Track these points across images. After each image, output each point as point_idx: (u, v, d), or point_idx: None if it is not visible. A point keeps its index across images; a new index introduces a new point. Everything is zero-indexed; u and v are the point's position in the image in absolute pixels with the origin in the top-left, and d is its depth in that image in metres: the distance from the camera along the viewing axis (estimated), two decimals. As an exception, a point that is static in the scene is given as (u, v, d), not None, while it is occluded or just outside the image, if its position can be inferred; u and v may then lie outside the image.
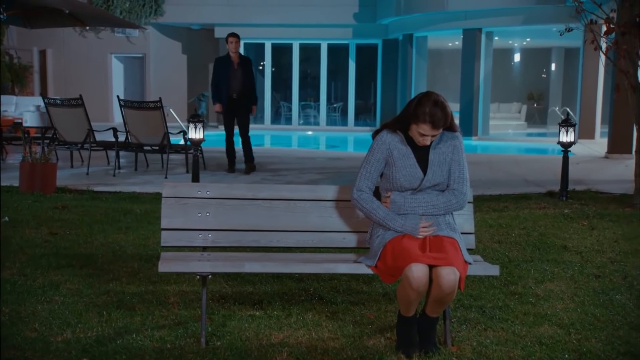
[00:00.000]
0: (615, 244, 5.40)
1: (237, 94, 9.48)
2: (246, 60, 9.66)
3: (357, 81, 21.76)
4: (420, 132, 3.21)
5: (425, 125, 3.19)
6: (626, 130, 11.92)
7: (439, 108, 3.18)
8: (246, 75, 9.52)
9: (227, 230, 3.53)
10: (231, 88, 9.47)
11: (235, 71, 9.48)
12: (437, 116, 3.17)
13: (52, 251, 4.89)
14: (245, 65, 9.56)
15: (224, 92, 9.45)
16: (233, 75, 9.46)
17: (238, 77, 9.47)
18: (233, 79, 9.46)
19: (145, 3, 20.73)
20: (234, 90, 9.48)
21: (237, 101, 9.51)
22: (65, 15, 9.46)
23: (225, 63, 9.50)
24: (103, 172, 9.63)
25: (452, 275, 3.01)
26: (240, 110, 9.58)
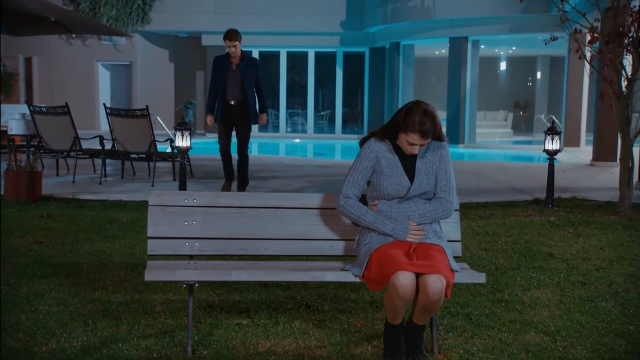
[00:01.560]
0: (601, 252, 5.44)
1: (237, 101, 8.06)
2: (250, 62, 8.15)
3: (344, 89, 21.81)
4: (410, 141, 3.23)
5: (414, 135, 3.20)
6: (611, 138, 12.02)
7: (429, 118, 3.20)
8: (248, 79, 8.04)
9: (213, 238, 3.52)
10: (229, 93, 8.06)
11: (234, 74, 8.04)
12: (427, 126, 3.18)
13: (37, 260, 4.86)
14: (247, 68, 8.07)
15: (220, 98, 8.09)
16: (231, 78, 8.05)
17: (237, 81, 8.04)
18: (231, 83, 8.05)
19: (132, 11, 20.67)
20: (233, 97, 8.07)
21: (236, 109, 8.08)
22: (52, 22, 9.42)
23: (222, 63, 8.09)
24: (89, 180, 9.57)
25: (438, 283, 3.02)
26: (239, 121, 8.13)
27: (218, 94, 8.11)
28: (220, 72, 8.08)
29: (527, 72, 25.24)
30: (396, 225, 3.24)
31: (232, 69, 8.06)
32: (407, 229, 3.22)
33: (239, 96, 8.05)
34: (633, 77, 7.25)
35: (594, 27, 7.41)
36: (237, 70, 8.04)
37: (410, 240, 3.21)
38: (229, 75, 8.04)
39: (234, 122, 8.14)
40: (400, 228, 3.22)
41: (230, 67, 8.06)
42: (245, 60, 8.11)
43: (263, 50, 21.84)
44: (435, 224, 3.33)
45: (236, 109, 8.08)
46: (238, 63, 8.05)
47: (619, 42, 7.19)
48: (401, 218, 3.26)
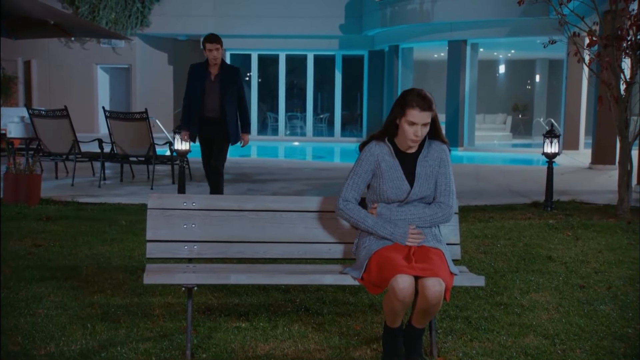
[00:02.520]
0: (600, 255, 5.44)
1: (213, 116, 7.09)
2: (230, 71, 7.19)
3: (343, 92, 21.84)
4: (410, 120, 3.21)
5: (413, 111, 3.20)
6: (610, 141, 12.04)
7: (423, 94, 3.23)
8: (228, 91, 7.06)
9: (212, 241, 3.52)
10: (206, 106, 7.09)
11: (212, 84, 7.06)
12: (424, 99, 3.21)
13: (36, 263, 4.85)
14: (228, 79, 7.10)
15: (196, 111, 7.10)
16: (209, 89, 7.06)
17: (216, 93, 7.05)
18: (209, 94, 7.06)
19: (131, 14, 20.70)
20: (210, 110, 7.10)
21: (213, 124, 7.11)
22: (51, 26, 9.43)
23: (199, 72, 7.10)
24: (88, 183, 9.57)
25: (437, 287, 3.01)
26: (216, 138, 7.14)
27: (193, 107, 7.12)
28: (197, 81, 7.09)
29: (526, 75, 25.28)
30: (395, 229, 3.23)
31: (211, 79, 7.07)
32: (406, 233, 3.22)
33: (217, 110, 7.09)
34: (631, 80, 7.26)
35: (593, 30, 7.43)
36: (216, 80, 7.06)
37: (410, 244, 3.21)
38: (206, 85, 7.06)
39: (210, 138, 7.18)
40: (400, 232, 3.22)
41: (208, 77, 7.08)
42: (226, 69, 7.13)
43: (262, 53, 21.88)
44: (434, 227, 3.33)
45: (213, 125, 7.11)
46: (218, 73, 7.08)
47: (618, 46, 7.20)
48: (400, 222, 3.26)
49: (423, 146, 3.35)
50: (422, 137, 3.27)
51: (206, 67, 7.11)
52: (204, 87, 7.06)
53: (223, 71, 7.10)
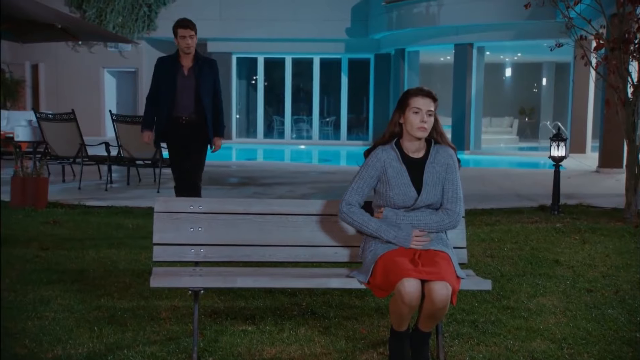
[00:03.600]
0: (607, 259, 5.42)
1: (188, 117, 5.91)
2: (208, 64, 6.03)
3: (349, 95, 21.85)
4: (414, 107, 3.25)
5: (416, 98, 3.26)
6: (617, 144, 11.99)
7: (422, 86, 3.35)
8: (204, 87, 5.91)
9: (219, 245, 3.52)
10: (178, 106, 5.89)
11: (186, 80, 5.90)
12: (424, 89, 3.30)
13: (43, 267, 4.87)
14: (205, 72, 5.96)
15: (165, 111, 5.91)
16: (183, 86, 5.90)
17: (191, 89, 5.90)
18: (182, 92, 5.90)
19: (138, 18, 20.77)
20: (183, 111, 5.91)
21: (187, 128, 5.92)
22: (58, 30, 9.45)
23: (169, 66, 5.94)
24: (95, 186, 9.60)
25: (444, 290, 3.01)
26: (191, 143, 5.96)
27: (161, 106, 5.94)
28: (166, 77, 5.92)
29: (532, 79, 25.22)
30: (399, 232, 3.23)
31: (184, 74, 5.91)
32: (410, 236, 3.21)
33: (192, 110, 5.91)
34: (639, 83, 7.24)
35: (600, 33, 7.41)
36: (191, 74, 5.91)
37: (414, 247, 3.20)
38: (179, 81, 5.90)
39: (183, 144, 5.97)
40: (404, 235, 3.21)
41: (180, 71, 5.91)
42: (201, 61, 5.98)
43: (268, 56, 21.91)
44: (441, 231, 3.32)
45: (188, 128, 5.92)
46: (192, 66, 5.93)
47: (625, 49, 7.19)
48: (404, 225, 3.25)
49: (430, 151, 3.35)
50: (429, 126, 3.27)
51: (177, 59, 5.93)
52: (175, 83, 5.87)
53: (198, 64, 5.93)
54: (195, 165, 6.00)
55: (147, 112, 6.14)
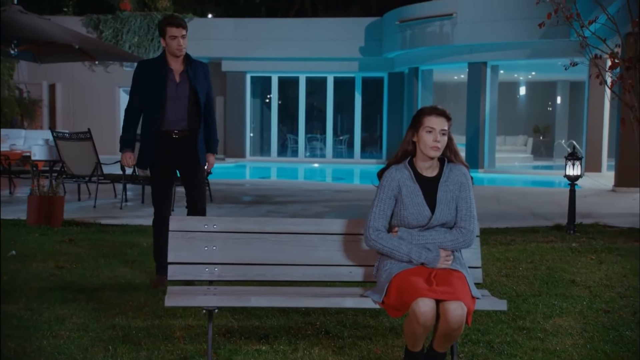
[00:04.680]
0: (624, 279, 5.36)
1: (181, 131, 4.96)
2: (200, 67, 5.06)
3: (363, 114, 21.90)
4: (428, 126, 3.26)
5: (429, 117, 3.27)
6: (633, 163, 11.88)
7: (435, 105, 3.36)
8: (200, 95, 4.97)
9: (233, 264, 3.53)
10: (168, 119, 4.92)
11: (177, 87, 4.94)
12: (437, 107, 3.32)
13: (59, 285, 4.89)
14: (197, 78, 4.99)
15: (152, 125, 4.93)
16: (173, 93, 4.92)
17: (183, 97, 4.94)
18: (173, 101, 4.92)
19: (153, 37, 21.01)
20: (175, 124, 4.94)
21: (180, 143, 4.98)
22: (75, 50, 9.60)
23: (155, 71, 4.95)
24: (110, 205, 9.65)
25: (459, 310, 2.99)
26: (186, 160, 5.03)
27: (147, 120, 4.95)
28: (151, 83, 4.92)
29: (546, 97, 25.16)
30: (429, 254, 3.22)
31: (174, 79, 4.93)
32: (438, 257, 3.21)
33: (186, 123, 4.96)
34: (655, 102, 7.20)
35: (615, 52, 7.39)
36: (184, 80, 4.94)
37: (441, 267, 3.20)
38: (169, 88, 4.91)
39: (176, 165, 5.04)
40: (433, 256, 3.21)
41: (170, 76, 4.92)
42: (194, 65, 5.01)
43: (282, 75, 22.05)
44: (456, 251, 3.31)
45: (181, 144, 4.96)
46: (183, 70, 4.95)
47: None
48: (431, 245, 3.24)
49: (443, 170, 3.35)
50: (442, 145, 3.27)
51: (164, 63, 4.94)
52: (164, 90, 4.89)
53: (191, 67, 4.97)
54: (199, 189, 5.07)
55: (127, 128, 5.04)
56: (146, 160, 5.03)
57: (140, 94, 4.98)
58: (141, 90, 4.98)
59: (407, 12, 18.53)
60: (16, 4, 9.66)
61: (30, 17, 9.14)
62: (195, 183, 5.07)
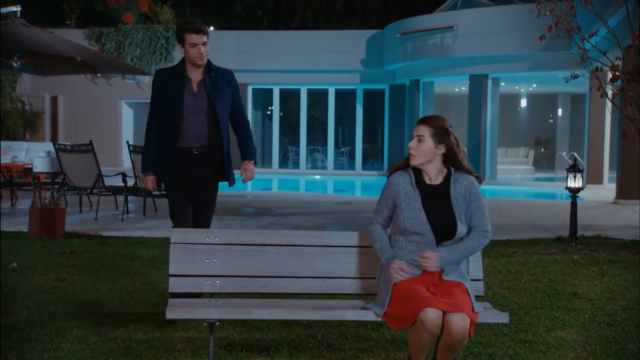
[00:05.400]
0: (627, 292, 5.34)
1: (200, 148, 4.48)
2: (223, 75, 4.54)
3: (364, 126, 21.94)
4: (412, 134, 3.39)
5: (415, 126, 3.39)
6: (634, 175, 11.89)
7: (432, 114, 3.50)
8: (221, 106, 4.48)
9: (234, 276, 3.53)
10: (186, 133, 4.45)
11: (196, 98, 4.45)
12: (425, 116, 3.44)
13: (60, 297, 4.88)
14: (219, 86, 4.49)
15: (168, 141, 4.45)
16: (192, 105, 4.44)
17: (202, 110, 4.45)
18: (192, 114, 4.43)
19: (155, 50, 21.11)
20: (194, 139, 4.46)
21: (199, 160, 4.48)
22: (78, 63, 9.63)
23: (173, 82, 4.48)
24: (112, 217, 9.66)
25: (462, 322, 2.99)
26: (202, 180, 4.53)
27: (164, 134, 4.48)
28: (167, 94, 4.46)
29: (548, 109, 25.20)
30: (390, 257, 3.32)
31: (192, 89, 4.45)
32: (394, 266, 3.26)
33: (205, 137, 4.47)
34: (656, 114, 7.21)
35: (616, 65, 7.41)
36: (202, 90, 4.45)
37: (393, 280, 3.24)
38: (185, 100, 4.43)
39: (192, 183, 4.53)
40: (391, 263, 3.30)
41: (187, 86, 4.45)
42: (216, 74, 4.51)
43: (284, 87, 22.12)
44: (462, 263, 3.30)
45: (198, 162, 4.48)
46: (202, 79, 4.47)
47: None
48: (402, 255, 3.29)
49: (450, 179, 3.35)
50: (417, 153, 3.33)
51: (183, 72, 4.47)
52: (181, 102, 4.42)
53: (211, 77, 4.48)
54: (206, 214, 4.60)
55: (148, 146, 4.54)
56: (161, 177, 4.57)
57: (158, 106, 4.53)
58: (158, 102, 4.53)
59: (408, 24, 18.61)
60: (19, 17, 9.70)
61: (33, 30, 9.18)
62: (205, 204, 4.59)
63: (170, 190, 4.58)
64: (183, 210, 4.52)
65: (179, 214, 4.51)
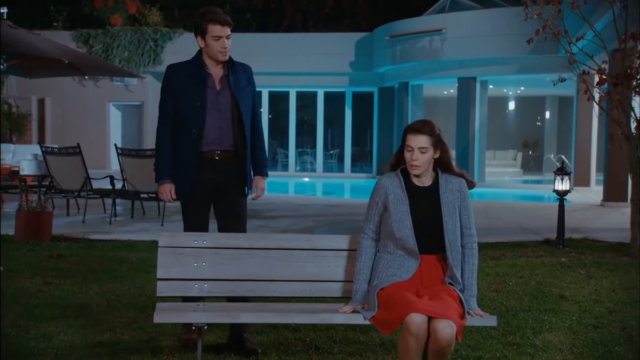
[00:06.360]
0: (613, 294, 5.38)
1: (224, 152, 4.00)
2: (242, 69, 4.08)
3: (353, 128, 21.96)
4: (407, 144, 3.31)
5: (410, 135, 3.31)
6: (621, 178, 11.98)
7: (421, 120, 3.39)
8: (244, 106, 4.01)
9: (223, 280, 3.52)
10: (209, 136, 3.95)
11: (218, 96, 3.97)
12: (419, 122, 3.36)
13: (47, 301, 4.85)
14: (240, 85, 4.02)
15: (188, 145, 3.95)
16: (213, 105, 3.95)
17: (224, 110, 3.97)
18: (214, 114, 3.95)
19: (144, 52, 21.03)
20: (217, 142, 3.98)
21: (223, 166, 4.00)
22: (65, 65, 9.57)
23: (192, 77, 3.96)
24: (99, 220, 9.61)
25: (448, 329, 2.99)
26: (229, 189, 4.04)
27: (182, 137, 3.97)
28: (185, 92, 3.96)
29: (535, 112, 25.33)
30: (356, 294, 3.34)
31: (215, 87, 3.97)
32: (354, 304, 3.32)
33: (230, 140, 4.00)
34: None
35: (602, 69, 7.46)
36: (226, 87, 3.99)
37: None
38: (208, 99, 3.94)
39: (216, 192, 4.03)
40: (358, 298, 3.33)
41: (208, 83, 3.96)
42: (236, 68, 4.05)
43: (273, 90, 22.09)
44: (454, 268, 3.29)
45: (223, 167, 4.00)
46: (225, 75, 4.00)
47: (627, 84, 7.22)
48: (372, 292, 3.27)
49: (439, 181, 3.36)
50: (421, 163, 3.30)
51: (202, 67, 3.98)
52: (204, 101, 3.93)
53: (233, 71, 4.02)
54: (238, 219, 4.06)
55: (161, 151, 4.02)
56: (185, 190, 3.98)
57: (173, 106, 3.96)
58: (173, 101, 3.96)
59: (397, 27, 18.65)
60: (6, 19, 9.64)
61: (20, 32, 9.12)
62: (237, 214, 4.04)
63: (188, 205, 4.01)
64: (203, 227, 3.95)
65: (199, 230, 3.88)
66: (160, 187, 4.03)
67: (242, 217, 4.08)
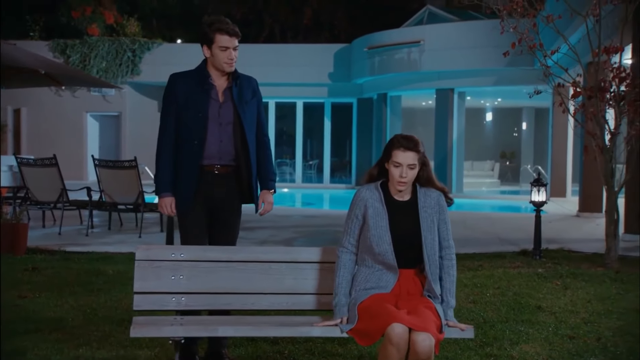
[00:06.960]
0: (589, 304, 5.43)
1: (224, 166, 3.90)
2: (246, 82, 4.02)
3: (332, 139, 22.01)
4: (395, 161, 3.27)
5: (397, 151, 3.27)
6: (596, 189, 12.14)
7: (407, 136, 3.34)
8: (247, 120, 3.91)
9: (200, 293, 3.50)
10: (210, 149, 3.85)
11: (221, 108, 3.87)
12: (407, 139, 3.30)
13: (20, 316, 4.78)
14: (244, 97, 3.93)
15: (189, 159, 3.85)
16: (215, 117, 3.85)
17: (228, 123, 3.88)
18: (215, 127, 3.85)
19: (122, 62, 20.92)
20: (217, 156, 3.87)
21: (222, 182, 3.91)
22: (41, 75, 9.48)
23: (195, 88, 3.88)
24: (76, 231, 9.51)
25: (427, 342, 3.00)
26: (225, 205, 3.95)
27: (183, 149, 3.87)
28: (187, 102, 3.87)
29: (512, 123, 25.61)
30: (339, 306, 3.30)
31: (218, 98, 3.89)
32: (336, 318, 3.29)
33: (231, 154, 3.89)
34: (616, 130, 7.37)
35: (577, 81, 7.57)
36: (229, 100, 3.90)
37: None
38: (210, 111, 3.85)
39: (213, 205, 3.93)
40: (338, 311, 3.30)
41: (211, 94, 3.88)
42: (241, 80, 3.98)
43: (252, 101, 22.08)
44: (433, 282, 3.30)
45: (221, 182, 3.90)
46: (228, 87, 3.92)
47: (601, 97, 7.33)
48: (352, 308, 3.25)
49: (418, 195, 3.37)
50: (409, 180, 3.29)
51: (206, 78, 3.90)
52: (206, 112, 3.84)
53: (237, 85, 3.94)
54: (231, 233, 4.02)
55: (163, 163, 3.88)
56: (185, 204, 3.86)
57: (175, 117, 3.87)
58: (175, 110, 3.87)
59: (376, 39, 18.78)
60: (-19, 29, 9.54)
61: (-4, 42, 9.03)
62: (230, 228, 4.00)
63: (187, 216, 3.89)
64: (202, 241, 3.88)
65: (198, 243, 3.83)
66: (160, 200, 3.91)
67: (234, 232, 4.03)
